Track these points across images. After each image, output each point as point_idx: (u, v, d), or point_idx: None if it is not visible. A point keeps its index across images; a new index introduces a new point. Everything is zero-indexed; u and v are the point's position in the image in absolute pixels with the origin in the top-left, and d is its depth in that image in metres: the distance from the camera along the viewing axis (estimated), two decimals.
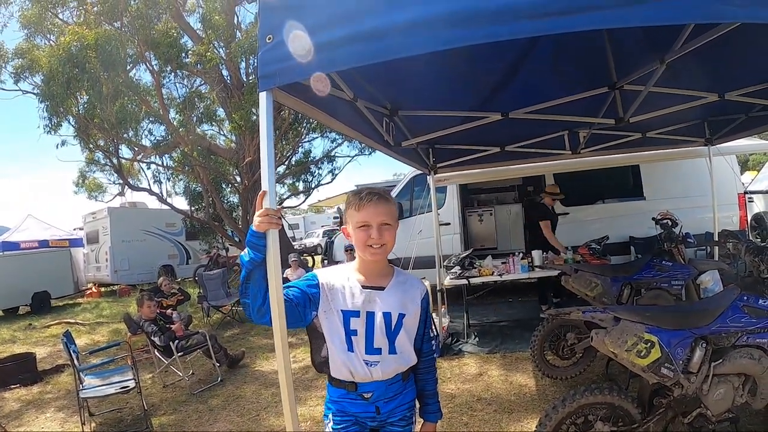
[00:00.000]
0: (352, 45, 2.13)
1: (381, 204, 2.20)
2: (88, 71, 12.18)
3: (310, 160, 19.80)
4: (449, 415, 4.97)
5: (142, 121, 16.19)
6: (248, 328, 10.43)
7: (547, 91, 4.64)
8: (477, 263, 7.83)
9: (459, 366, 6.46)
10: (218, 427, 5.52)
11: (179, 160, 17.72)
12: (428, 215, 8.59)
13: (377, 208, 2.19)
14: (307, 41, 2.18)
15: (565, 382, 5.42)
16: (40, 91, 14.00)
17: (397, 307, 2.28)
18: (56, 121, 14.12)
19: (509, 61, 3.82)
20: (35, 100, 14.67)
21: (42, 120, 14.13)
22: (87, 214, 22.00)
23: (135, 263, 20.16)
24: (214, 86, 15.46)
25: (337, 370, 2.30)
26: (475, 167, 7.70)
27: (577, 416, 3.30)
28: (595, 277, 5.60)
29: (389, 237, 2.21)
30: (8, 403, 7.20)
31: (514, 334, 7.61)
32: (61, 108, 13.32)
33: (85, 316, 14.41)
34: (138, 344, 8.68)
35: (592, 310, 3.42)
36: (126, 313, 8.80)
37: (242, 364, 7.77)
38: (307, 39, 2.17)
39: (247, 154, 15.26)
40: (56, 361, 9.25)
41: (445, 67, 3.72)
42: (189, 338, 7.17)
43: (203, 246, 22.56)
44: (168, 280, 10.51)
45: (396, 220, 2.26)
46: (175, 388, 7.00)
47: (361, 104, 3.84)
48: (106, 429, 5.92)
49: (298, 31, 2.20)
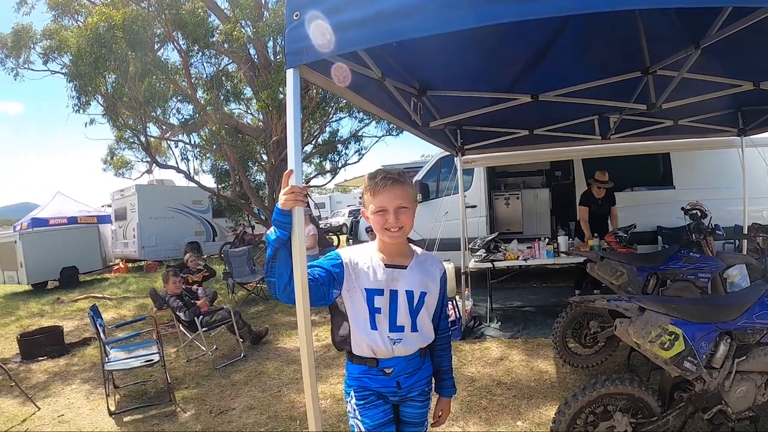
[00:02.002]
0: (380, 23, 2.12)
1: (396, 187, 2.22)
2: (115, 51, 12.25)
3: (337, 140, 19.72)
4: (468, 398, 4.98)
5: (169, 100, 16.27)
6: (272, 306, 10.54)
7: (578, 74, 4.56)
8: (502, 247, 7.80)
9: (480, 349, 6.47)
10: (240, 402, 5.59)
11: (207, 139, 17.78)
12: (454, 197, 8.56)
13: (392, 192, 2.21)
14: (335, 18, 2.17)
15: (585, 370, 5.39)
16: (68, 71, 14.09)
17: (419, 286, 2.32)
18: (85, 100, 14.17)
19: (539, 42, 3.76)
20: (64, 79, 14.82)
21: (71, 99, 14.24)
22: (115, 191, 22.23)
23: (162, 240, 20.36)
24: (241, 65, 15.43)
25: (358, 348, 2.33)
26: (503, 150, 7.63)
27: (597, 405, 3.29)
28: (621, 266, 5.54)
29: (406, 219, 2.23)
30: (35, 374, 7.36)
31: (536, 319, 7.60)
32: (89, 87, 13.39)
33: (113, 291, 14.67)
34: (163, 319, 8.81)
35: (617, 298, 3.39)
36: (152, 289, 8.93)
37: (265, 341, 7.85)
38: (334, 16, 2.17)
39: (274, 133, 15.27)
40: (83, 334, 9.44)
41: (475, 48, 3.69)
42: (213, 314, 7.26)
43: (229, 223, 22.64)
44: (194, 256, 10.61)
45: (413, 201, 2.28)
46: (198, 363, 7.12)
47: (389, 83, 3.82)
48: (130, 401, 6.03)
49: (325, 8, 2.19)
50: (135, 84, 13.01)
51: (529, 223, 11.26)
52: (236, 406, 5.47)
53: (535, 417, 4.51)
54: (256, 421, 5.05)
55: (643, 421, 3.25)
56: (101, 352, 5.92)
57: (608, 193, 7.98)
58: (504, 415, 4.61)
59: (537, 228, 11.06)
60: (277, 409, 5.27)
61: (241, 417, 5.18)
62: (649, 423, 3.23)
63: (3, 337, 9.92)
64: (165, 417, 5.40)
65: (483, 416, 4.63)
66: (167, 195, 21.57)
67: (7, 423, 5.64)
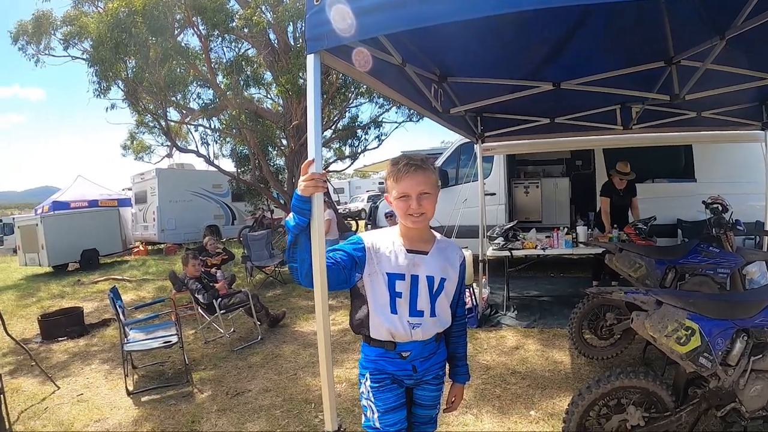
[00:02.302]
0: (401, 8, 2.12)
1: (418, 174, 2.24)
2: (135, 36, 12.31)
3: (357, 125, 19.72)
4: (483, 387, 5.01)
5: (189, 85, 16.35)
6: (290, 290, 10.63)
7: (601, 62, 4.51)
8: (521, 235, 7.78)
9: (496, 338, 6.48)
10: (256, 384, 5.66)
11: (227, 123, 17.89)
12: (473, 184, 8.55)
13: (415, 178, 2.23)
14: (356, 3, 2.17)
15: (600, 362, 5.38)
16: (89, 57, 14.16)
17: (439, 272, 2.35)
18: (105, 85, 14.28)
19: (562, 29, 3.73)
20: (84, 65, 14.90)
21: (91, 84, 14.37)
22: (135, 174, 22.41)
23: (181, 223, 20.57)
24: (261, 50, 15.47)
25: (376, 331, 2.36)
26: (523, 138, 7.59)
27: (611, 398, 3.29)
28: (640, 258, 5.49)
29: (428, 205, 2.25)
30: (56, 354, 7.51)
31: (553, 310, 7.58)
32: (110, 72, 13.49)
33: (132, 273, 14.84)
34: (182, 301, 8.93)
35: (634, 291, 3.37)
36: (171, 271, 9.03)
37: (282, 324, 7.93)
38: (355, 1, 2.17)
39: (293, 118, 15.30)
40: (102, 315, 9.61)
41: (497, 35, 3.67)
42: (232, 297, 7.34)
43: (248, 207, 22.77)
44: (213, 239, 10.70)
45: (435, 187, 2.29)
46: (216, 345, 7.21)
47: (409, 69, 3.82)
48: (148, 381, 6.14)
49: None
50: (155, 69, 13.09)
51: (548, 212, 11.21)
52: (252, 388, 5.54)
53: (548, 407, 4.52)
54: (272, 403, 5.11)
55: (656, 416, 3.24)
56: (120, 333, 6.03)
57: (629, 185, 7.91)
58: (517, 404, 4.63)
59: (556, 217, 11.00)
60: (292, 392, 5.33)
61: (257, 399, 5.24)
62: (662, 418, 3.22)
63: (24, 318, 10.10)
64: (182, 397, 5.49)
65: (496, 404, 4.65)
66: (187, 179, 21.76)
67: (27, 401, 5.76)
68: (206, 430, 4.67)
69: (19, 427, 5.11)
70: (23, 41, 15.72)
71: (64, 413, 5.35)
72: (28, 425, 5.13)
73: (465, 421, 4.38)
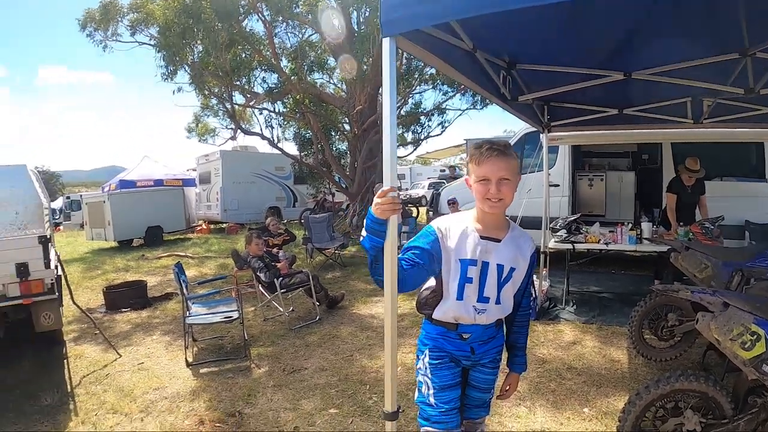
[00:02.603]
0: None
1: (500, 159, 2.23)
2: (203, 21, 12.58)
3: (420, 112, 19.70)
4: (538, 380, 4.98)
5: (254, 69, 16.60)
6: (349, 272, 10.77)
7: (672, 52, 4.34)
8: (584, 229, 7.65)
9: (554, 332, 6.42)
10: (312, 362, 5.77)
11: (291, 107, 18.11)
12: (537, 175, 8.43)
13: (496, 164, 2.23)
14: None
15: (658, 364, 5.25)
16: (156, 42, 14.67)
17: (509, 261, 2.37)
18: (172, 69, 14.77)
19: (633, 17, 3.62)
20: (151, 50, 15.47)
21: (159, 69, 14.89)
22: (200, 156, 23.01)
23: (244, 203, 21.01)
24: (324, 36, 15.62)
25: (443, 314, 2.41)
26: (590, 129, 7.45)
27: (668, 400, 3.22)
28: (706, 258, 5.32)
29: (507, 192, 2.25)
30: (118, 324, 7.84)
31: (613, 307, 7.43)
32: (176, 57, 13.90)
33: (195, 251, 15.28)
34: (243, 279, 9.12)
35: (702, 290, 3.30)
36: (234, 249, 9.25)
37: (341, 306, 8.03)
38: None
39: (357, 103, 15.41)
40: (165, 289, 9.95)
41: (567, 22, 3.61)
42: (292, 276, 7.47)
43: (310, 190, 23.14)
44: (275, 220, 10.86)
45: (516, 174, 2.29)
46: (274, 323, 7.37)
47: (480, 55, 3.80)
48: (207, 354, 6.34)
49: None
50: (221, 53, 13.34)
51: (611, 206, 10.94)
52: (309, 366, 5.65)
53: (602, 405, 4.45)
54: (327, 382, 5.21)
55: (714, 422, 3.15)
56: (183, 307, 6.24)
57: (698, 182, 7.65)
58: (571, 400, 4.58)
59: (620, 212, 10.71)
60: (348, 372, 5.41)
61: (313, 377, 5.35)
62: (720, 425, 3.13)
63: (90, 289, 10.54)
64: (239, 371, 5.65)
65: (550, 399, 4.62)
66: (250, 161, 22.19)
67: (89, 367, 6.04)
68: (262, 404, 4.78)
69: (80, 390, 5.36)
70: (91, 28, 16.22)
71: (125, 380, 5.59)
72: (89, 389, 5.37)
73: (518, 413, 4.36)
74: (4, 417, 4.78)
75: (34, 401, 5.09)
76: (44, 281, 5.35)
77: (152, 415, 4.68)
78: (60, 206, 30.69)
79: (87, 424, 4.57)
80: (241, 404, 4.79)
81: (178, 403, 4.90)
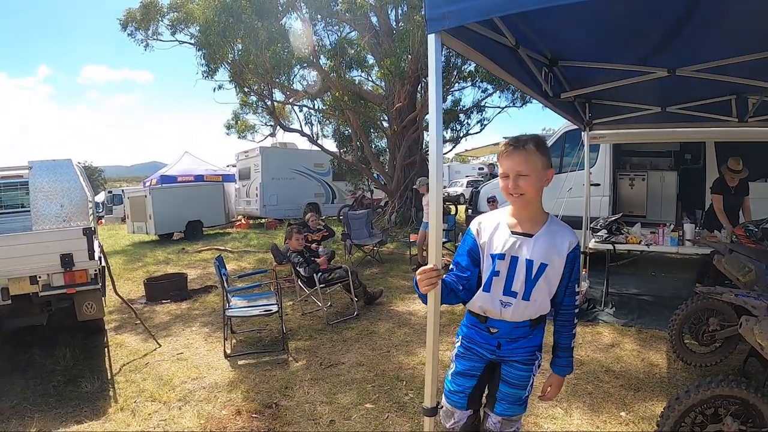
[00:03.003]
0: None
1: (517, 154, 2.29)
2: (243, 20, 12.73)
3: (459, 109, 19.60)
4: (574, 381, 4.89)
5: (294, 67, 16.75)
6: (387, 269, 10.78)
7: (717, 48, 4.20)
8: (624, 229, 7.51)
9: (592, 333, 6.30)
10: (349, 357, 5.78)
11: (330, 104, 18.20)
12: (578, 174, 8.29)
13: (513, 159, 2.30)
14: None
15: (698, 369, 5.09)
16: (197, 41, 14.91)
17: (540, 257, 2.36)
18: (213, 67, 15.06)
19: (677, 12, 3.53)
20: (191, 49, 15.77)
21: (199, 67, 15.18)
22: (240, 152, 23.33)
23: (283, 199, 21.25)
24: (363, 33, 15.65)
25: (472, 305, 2.50)
26: (632, 127, 7.30)
27: (708, 406, 3.11)
28: (750, 262, 5.16)
29: (526, 186, 2.28)
30: (158, 315, 7.99)
31: (652, 310, 7.23)
32: (217, 55, 14.10)
33: (234, 245, 15.46)
34: (281, 273, 9.19)
35: (746, 294, 3.21)
36: (273, 244, 9.33)
37: (379, 302, 8.02)
38: None
39: (396, 100, 15.42)
40: (205, 282, 10.13)
41: (609, 17, 3.54)
42: (331, 272, 7.47)
43: (349, 187, 23.20)
44: (315, 216, 10.92)
45: (540, 169, 2.30)
46: (312, 317, 7.41)
47: (522, 52, 3.76)
48: (245, 346, 6.41)
49: None
50: (261, 52, 13.47)
51: (653, 206, 10.71)
52: (345, 361, 5.66)
53: (640, 410, 4.34)
54: (364, 377, 5.20)
55: (754, 430, 3.04)
56: (223, 299, 6.33)
57: (742, 183, 7.44)
58: (608, 404, 4.48)
59: (661, 213, 10.48)
60: (385, 368, 5.40)
61: (350, 372, 5.35)
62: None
63: (131, 281, 10.77)
64: (277, 364, 5.69)
65: (587, 401, 4.53)
66: (289, 157, 22.38)
67: (129, 356, 6.19)
68: (298, 397, 4.81)
69: (120, 378, 5.49)
70: (132, 28, 16.59)
71: (164, 369, 5.69)
72: (128, 377, 5.49)
73: (554, 414, 4.29)
74: (45, 401, 4.91)
75: (74, 387, 5.22)
76: (88, 272, 5.45)
77: (190, 404, 4.74)
78: (102, 200, 31.56)
79: (126, 410, 4.66)
80: (277, 396, 4.83)
81: (216, 393, 4.96)
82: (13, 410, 4.77)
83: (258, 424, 4.31)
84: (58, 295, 5.40)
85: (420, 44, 12.54)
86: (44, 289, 5.28)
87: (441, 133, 2.38)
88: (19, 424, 4.48)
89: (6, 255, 5.11)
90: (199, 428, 4.29)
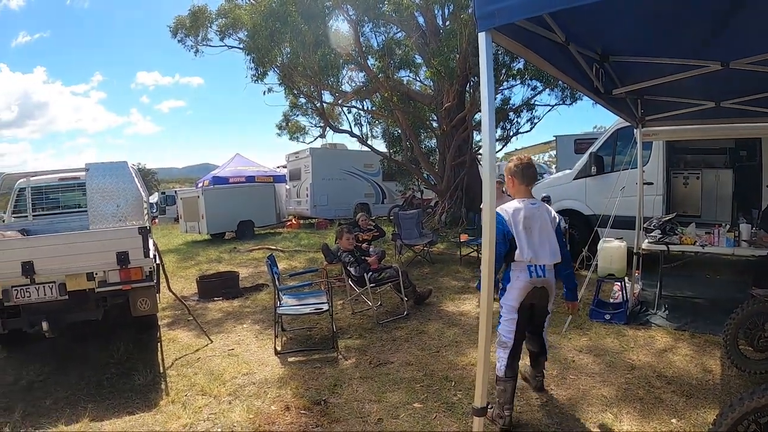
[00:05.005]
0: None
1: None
2: (290, 24, 12.89)
3: (508, 108, 19.40)
4: (625, 386, 4.77)
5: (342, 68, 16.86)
6: (437, 269, 10.74)
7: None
8: (678, 230, 7.29)
9: (644, 337, 6.13)
10: (399, 356, 5.78)
11: (379, 105, 18.25)
12: (630, 172, 8.07)
13: None
14: None
15: (753, 377, 4.87)
16: (245, 45, 15.22)
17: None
18: (262, 71, 15.40)
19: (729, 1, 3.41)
20: (240, 53, 16.06)
21: (249, 70, 15.52)
22: (290, 153, 23.70)
23: (333, 199, 21.48)
24: (410, 33, 15.66)
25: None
26: (685, 123, 7.09)
27: (762, 414, 3.00)
28: None
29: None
30: (211, 312, 8.18)
31: (707, 313, 6.94)
32: (266, 59, 14.37)
33: (285, 244, 15.69)
34: (332, 272, 9.25)
35: None
36: (324, 244, 9.44)
37: (428, 302, 8.00)
38: None
39: (445, 100, 15.37)
40: (256, 280, 10.32)
41: (659, 9, 3.45)
42: (382, 272, 7.49)
43: (399, 187, 23.25)
44: (365, 216, 11.00)
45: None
46: (362, 316, 7.45)
47: (572, 48, 3.71)
48: (295, 344, 6.50)
49: None
50: (309, 54, 13.62)
51: (707, 206, 10.35)
52: (395, 360, 5.67)
53: (692, 417, 4.18)
54: (413, 376, 5.19)
55: None
56: (275, 297, 6.40)
57: None
58: (659, 410, 4.33)
59: (716, 213, 10.14)
60: (434, 368, 5.38)
61: (399, 371, 5.35)
62: None
63: (184, 278, 11.06)
64: (327, 362, 5.74)
65: (637, 407, 4.40)
66: (339, 158, 22.62)
67: (181, 351, 6.37)
68: (347, 395, 4.84)
69: (172, 372, 5.65)
70: (182, 34, 17.02)
71: (215, 364, 5.81)
72: (180, 371, 5.64)
73: (603, 420, 4.19)
74: (99, 392, 5.09)
75: (127, 380, 5.40)
76: (143, 269, 5.58)
77: (240, 399, 4.83)
78: (156, 201, 32.61)
79: (177, 403, 4.78)
80: (326, 393, 4.87)
81: (266, 389, 5.03)
82: (66, 400, 4.96)
83: (306, 420, 4.36)
84: (113, 291, 5.54)
85: (467, 43, 12.47)
86: (100, 285, 5.42)
87: (494, 133, 2.38)
88: (72, 413, 4.65)
89: (64, 252, 5.27)
90: (248, 422, 4.36)
